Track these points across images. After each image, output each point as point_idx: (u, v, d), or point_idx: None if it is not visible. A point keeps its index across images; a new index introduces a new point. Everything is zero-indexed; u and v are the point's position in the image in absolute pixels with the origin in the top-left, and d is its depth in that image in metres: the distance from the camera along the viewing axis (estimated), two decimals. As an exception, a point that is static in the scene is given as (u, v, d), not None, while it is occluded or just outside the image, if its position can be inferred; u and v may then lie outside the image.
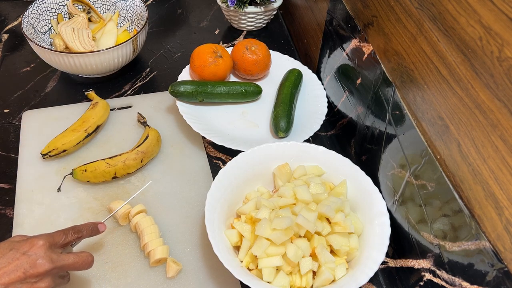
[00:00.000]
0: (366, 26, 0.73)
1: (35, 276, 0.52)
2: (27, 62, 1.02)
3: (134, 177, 0.80)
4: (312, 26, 1.04)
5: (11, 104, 0.92)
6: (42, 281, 0.53)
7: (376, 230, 0.65)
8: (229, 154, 0.85)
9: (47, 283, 0.53)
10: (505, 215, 0.45)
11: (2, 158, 0.82)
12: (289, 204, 0.67)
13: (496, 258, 0.46)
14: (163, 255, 0.66)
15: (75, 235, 0.59)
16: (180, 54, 1.07)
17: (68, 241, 0.59)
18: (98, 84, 0.97)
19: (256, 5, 1.08)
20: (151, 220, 0.70)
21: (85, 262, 0.58)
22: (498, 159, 0.45)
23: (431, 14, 0.54)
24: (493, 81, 0.44)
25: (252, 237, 0.64)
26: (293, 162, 0.74)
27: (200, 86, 0.86)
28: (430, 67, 0.56)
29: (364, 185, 0.70)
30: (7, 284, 0.51)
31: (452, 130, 0.53)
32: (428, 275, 0.60)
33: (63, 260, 0.55)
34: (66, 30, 0.92)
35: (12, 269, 0.51)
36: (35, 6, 0.96)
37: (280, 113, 0.84)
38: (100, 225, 0.64)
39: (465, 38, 0.48)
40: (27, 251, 0.53)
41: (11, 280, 0.51)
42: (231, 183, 0.70)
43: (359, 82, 0.78)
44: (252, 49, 0.92)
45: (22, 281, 0.52)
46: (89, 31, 0.94)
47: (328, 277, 0.62)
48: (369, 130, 0.75)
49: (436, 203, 0.56)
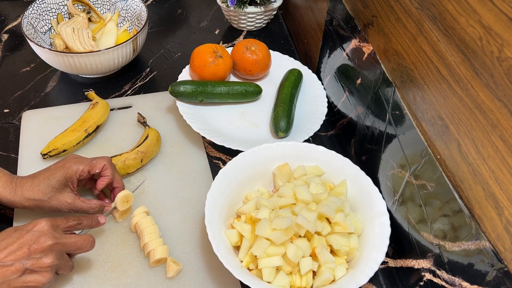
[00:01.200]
0: (366, 26, 0.73)
1: (39, 252, 0.56)
2: (27, 62, 1.02)
3: (134, 177, 0.80)
4: (312, 26, 1.04)
5: (11, 104, 0.92)
6: (47, 257, 0.56)
7: (376, 230, 0.65)
8: (229, 154, 0.85)
9: (51, 259, 0.57)
10: (505, 215, 0.45)
11: (2, 158, 0.82)
12: (289, 204, 0.67)
13: (496, 258, 0.46)
14: (163, 255, 0.66)
15: (75, 221, 0.63)
16: (180, 54, 1.07)
17: (69, 225, 0.62)
18: (98, 84, 0.97)
19: (256, 5, 1.08)
20: (151, 220, 0.70)
21: (87, 242, 0.62)
22: (498, 159, 0.45)
23: (431, 14, 0.54)
24: (493, 81, 0.45)
25: (252, 237, 0.64)
26: (293, 162, 0.74)
27: (200, 86, 0.86)
28: (430, 67, 0.56)
29: (364, 185, 0.70)
30: (14, 261, 0.55)
31: (452, 130, 0.53)
32: (428, 275, 0.60)
33: (65, 238, 0.60)
34: (66, 30, 0.92)
35: (17, 247, 0.56)
36: (35, 6, 0.96)
37: (280, 113, 0.84)
38: (101, 217, 0.67)
39: (465, 38, 0.48)
40: (31, 229, 0.58)
41: (17, 257, 0.55)
42: (231, 183, 0.70)
43: (359, 82, 0.78)
44: (252, 49, 0.92)
45: (27, 258, 0.55)
46: (89, 31, 0.94)
47: (328, 277, 0.62)
48: (369, 130, 0.75)
49: (436, 203, 0.56)
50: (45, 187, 0.66)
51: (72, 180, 0.68)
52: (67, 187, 0.68)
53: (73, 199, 0.68)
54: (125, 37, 0.98)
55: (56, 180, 0.67)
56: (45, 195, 0.66)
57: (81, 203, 0.69)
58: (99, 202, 0.71)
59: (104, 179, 0.71)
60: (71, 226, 0.63)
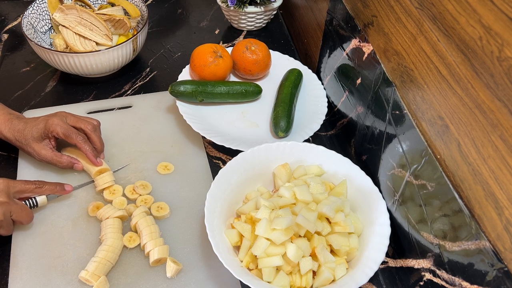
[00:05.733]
0: (366, 26, 0.73)
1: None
2: (27, 62, 1.02)
3: (134, 177, 0.80)
4: (312, 26, 1.04)
5: (11, 104, 0.92)
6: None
7: (376, 230, 0.65)
8: (229, 154, 0.85)
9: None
10: (505, 215, 0.45)
11: (2, 158, 0.82)
12: (289, 204, 0.66)
13: (496, 258, 0.46)
14: (163, 255, 0.66)
15: (35, 184, 0.69)
16: (180, 54, 1.07)
17: (27, 188, 0.68)
18: (98, 84, 0.97)
19: (256, 5, 1.08)
20: (151, 220, 0.70)
21: (27, 215, 0.67)
22: (498, 159, 0.45)
23: (431, 14, 0.54)
24: (493, 81, 0.45)
25: (252, 237, 0.64)
26: (293, 162, 0.74)
27: (200, 86, 0.86)
28: (430, 67, 0.56)
29: (364, 185, 0.70)
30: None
31: (452, 130, 0.53)
32: (428, 275, 0.60)
33: (14, 202, 0.65)
34: (68, 33, 0.92)
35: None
36: (35, 6, 0.96)
37: (280, 113, 0.84)
38: (67, 185, 0.73)
39: (465, 38, 0.48)
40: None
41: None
42: (231, 183, 0.70)
43: (359, 82, 0.78)
44: (252, 49, 0.92)
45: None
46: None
47: (328, 277, 0.62)
48: (369, 130, 0.75)
49: (436, 203, 0.56)
50: (27, 134, 0.74)
51: (49, 136, 0.75)
52: (45, 139, 0.75)
53: (46, 150, 0.75)
54: (125, 37, 0.98)
55: (37, 131, 0.74)
56: (25, 141, 0.74)
57: (52, 156, 0.75)
58: (69, 158, 0.76)
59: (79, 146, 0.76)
60: (29, 189, 0.68)
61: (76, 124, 0.76)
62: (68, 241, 0.70)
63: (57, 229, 0.71)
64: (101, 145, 0.78)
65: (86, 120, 0.78)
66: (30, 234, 0.70)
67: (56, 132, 0.74)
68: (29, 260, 0.67)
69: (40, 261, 0.67)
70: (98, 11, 0.98)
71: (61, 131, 0.74)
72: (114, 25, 0.96)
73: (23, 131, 0.74)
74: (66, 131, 0.74)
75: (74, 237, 0.70)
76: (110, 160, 0.81)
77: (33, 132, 0.74)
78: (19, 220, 0.67)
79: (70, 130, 0.75)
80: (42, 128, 0.74)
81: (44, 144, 0.75)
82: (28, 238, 0.69)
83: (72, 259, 0.67)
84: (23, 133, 0.74)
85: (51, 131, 0.74)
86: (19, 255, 0.67)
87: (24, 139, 0.74)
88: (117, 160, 0.81)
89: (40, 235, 0.70)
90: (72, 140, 0.75)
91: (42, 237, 0.70)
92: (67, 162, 0.76)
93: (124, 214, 0.71)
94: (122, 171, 0.80)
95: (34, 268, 0.66)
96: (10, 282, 0.64)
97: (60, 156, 0.75)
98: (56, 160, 0.75)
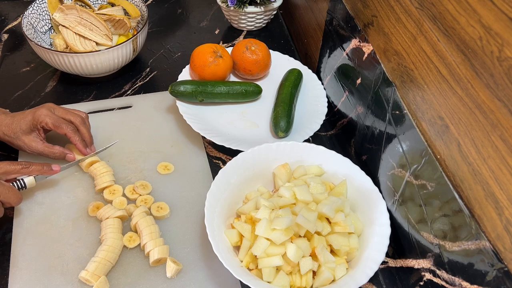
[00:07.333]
0: (366, 26, 0.73)
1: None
2: (27, 62, 1.02)
3: (134, 177, 0.80)
4: (312, 26, 1.04)
5: (11, 104, 0.92)
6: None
7: (376, 229, 0.65)
8: (229, 154, 0.85)
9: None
10: (505, 215, 0.45)
11: (2, 158, 0.82)
12: (289, 204, 0.67)
13: (496, 258, 0.46)
14: (163, 255, 0.66)
15: (21, 165, 0.69)
16: (180, 54, 1.07)
17: (14, 168, 0.68)
18: (98, 84, 0.97)
19: (256, 5, 1.08)
20: (151, 220, 0.70)
21: (14, 195, 0.66)
22: (498, 159, 0.45)
23: (431, 14, 0.54)
24: (493, 81, 0.45)
25: (252, 237, 0.64)
26: (293, 162, 0.74)
27: (200, 86, 0.86)
28: (430, 67, 0.56)
29: (364, 185, 0.70)
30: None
31: (452, 130, 0.53)
32: (428, 275, 0.60)
33: (1, 183, 0.65)
34: (68, 33, 0.92)
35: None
36: (35, 6, 0.96)
37: (280, 113, 0.84)
38: (54, 165, 0.73)
39: (465, 38, 0.48)
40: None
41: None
42: (231, 183, 0.70)
43: (359, 82, 0.78)
44: (252, 49, 0.92)
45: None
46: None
47: (328, 277, 0.62)
48: (369, 130, 0.75)
49: (436, 203, 0.56)
50: (16, 127, 0.74)
51: (37, 127, 0.75)
52: (34, 131, 0.75)
53: (36, 142, 0.75)
54: (125, 37, 0.98)
55: (25, 123, 0.74)
56: (14, 134, 0.74)
57: (44, 147, 0.75)
58: (61, 149, 0.76)
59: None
60: (15, 170, 0.68)
61: (65, 116, 0.77)
62: (68, 241, 0.70)
63: (57, 229, 0.71)
64: (90, 138, 0.79)
65: (75, 112, 0.79)
66: (30, 234, 0.70)
67: (45, 122, 0.74)
68: (29, 260, 0.67)
69: (40, 261, 0.67)
70: (98, 11, 0.98)
71: (51, 121, 0.74)
72: (114, 25, 0.96)
73: (11, 125, 0.74)
74: (56, 121, 0.75)
75: (74, 237, 0.70)
76: (110, 160, 0.81)
77: (21, 125, 0.74)
78: (8, 201, 0.66)
79: (60, 120, 0.75)
80: (31, 120, 0.74)
81: (33, 136, 0.75)
82: (28, 238, 0.69)
83: (72, 259, 0.68)
84: (11, 127, 0.74)
85: (40, 121, 0.74)
86: (19, 255, 0.67)
87: (13, 132, 0.74)
88: (117, 160, 0.81)
89: (40, 235, 0.70)
90: (62, 130, 0.75)
91: (42, 237, 0.70)
92: (60, 152, 0.76)
93: (124, 214, 0.71)
94: (122, 171, 0.80)
95: (34, 268, 0.66)
96: (10, 282, 0.65)
97: (52, 147, 0.76)
98: (48, 151, 0.75)
